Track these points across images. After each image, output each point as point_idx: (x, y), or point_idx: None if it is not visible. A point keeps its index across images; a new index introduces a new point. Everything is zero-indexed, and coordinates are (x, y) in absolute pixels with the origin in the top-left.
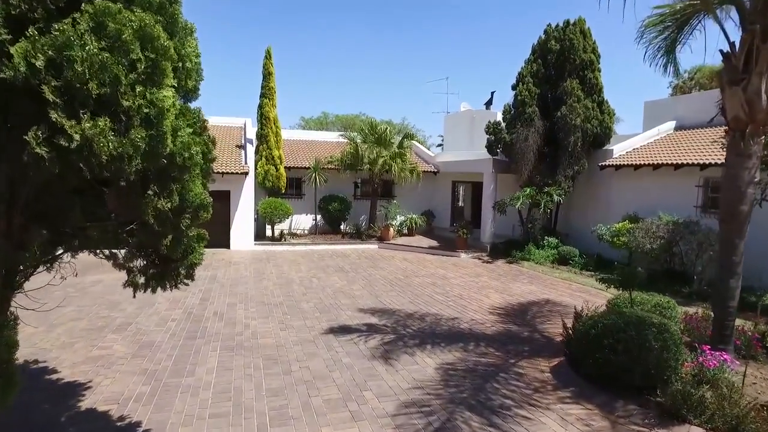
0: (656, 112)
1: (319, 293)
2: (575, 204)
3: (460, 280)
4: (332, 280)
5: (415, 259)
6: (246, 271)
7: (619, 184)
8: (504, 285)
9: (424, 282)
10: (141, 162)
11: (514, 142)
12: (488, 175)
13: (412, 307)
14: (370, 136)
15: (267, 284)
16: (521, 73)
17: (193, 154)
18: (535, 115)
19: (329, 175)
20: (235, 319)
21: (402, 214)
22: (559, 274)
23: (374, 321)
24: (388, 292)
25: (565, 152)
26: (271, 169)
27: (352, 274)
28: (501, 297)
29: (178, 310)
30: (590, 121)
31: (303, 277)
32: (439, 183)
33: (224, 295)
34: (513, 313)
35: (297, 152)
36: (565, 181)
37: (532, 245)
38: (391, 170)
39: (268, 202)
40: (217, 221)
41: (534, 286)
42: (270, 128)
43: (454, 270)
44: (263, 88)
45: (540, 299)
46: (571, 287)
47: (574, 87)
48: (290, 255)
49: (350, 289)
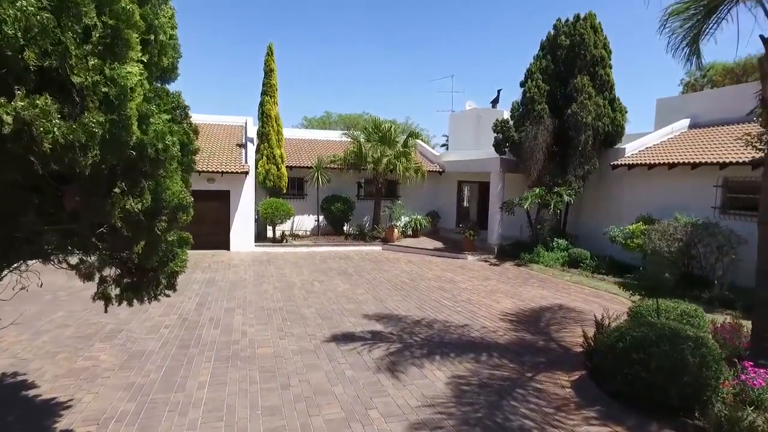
0: (668, 109)
1: (321, 298)
2: (585, 205)
3: (468, 284)
4: (335, 284)
5: (421, 262)
6: (246, 274)
7: (632, 184)
8: (514, 289)
9: (431, 286)
10: (99, 153)
11: (522, 141)
12: (496, 174)
13: (419, 313)
14: (374, 135)
15: (267, 288)
16: (530, 69)
17: (168, 145)
18: (545, 113)
19: (332, 174)
20: (232, 327)
21: (406, 215)
22: (570, 278)
23: (379, 328)
24: (394, 297)
25: (575, 151)
26: (272, 168)
27: (355, 277)
28: (512, 302)
29: (173, 315)
30: (602, 118)
31: (304, 280)
32: (444, 183)
33: (222, 300)
34: (526, 320)
35: (299, 151)
36: (575, 181)
37: (541, 247)
38: (395, 170)
39: (269, 203)
40: (216, 222)
41: (545, 291)
42: (271, 126)
43: (462, 273)
44: (264, 86)
45: (552, 304)
46: (584, 291)
47: (585, 83)
48: (291, 257)
49: (354, 294)
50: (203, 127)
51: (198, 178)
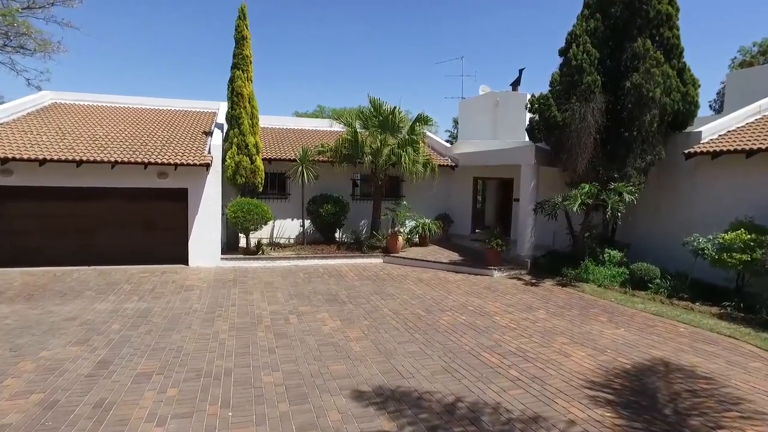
0: (744, 85)
1: (294, 350)
2: (642, 204)
3: (509, 318)
4: (319, 320)
5: (435, 280)
6: (198, 303)
7: (713, 178)
8: (577, 327)
9: (457, 322)
10: None
11: (567, 123)
12: (528, 168)
13: (450, 384)
14: (373, 119)
15: (219, 328)
16: (573, 32)
17: None
18: (596, 87)
19: (321, 169)
20: (129, 422)
21: (412, 219)
22: (643, 305)
23: (386, 429)
24: (406, 346)
25: (636, 136)
26: (245, 160)
27: (349, 306)
28: (587, 354)
29: (36, 394)
30: (670, 93)
31: (277, 312)
32: (457, 180)
33: (140, 355)
34: (630, 397)
35: (281, 142)
36: (635, 175)
37: (589, 261)
38: (399, 162)
39: (239, 204)
40: (170, 229)
41: (623, 329)
42: (243, 108)
43: (493, 298)
44: (235, 57)
45: (651, 360)
46: (679, 331)
47: (650, 47)
48: (267, 274)
49: (345, 340)
50: (164, 113)
51: (145, 173)
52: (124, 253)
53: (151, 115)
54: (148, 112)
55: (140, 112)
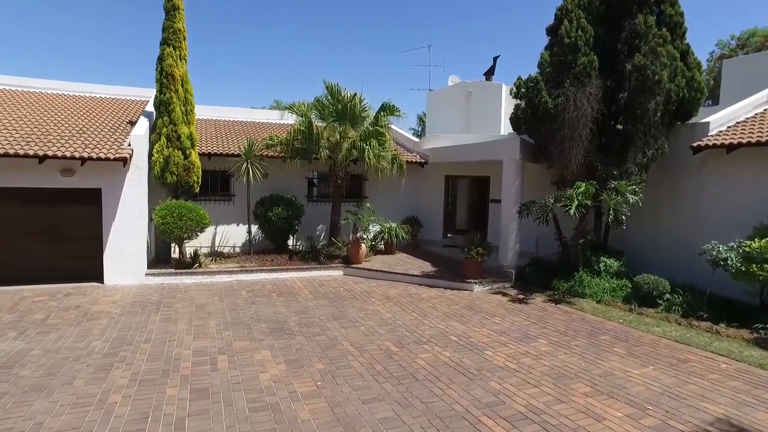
0: (742, 73)
1: (214, 421)
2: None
3: (504, 353)
4: (257, 362)
5: (406, 298)
6: (99, 339)
7: (725, 175)
8: (594, 365)
9: (439, 362)
10: None
11: (559, 110)
12: (512, 164)
13: None
14: (331, 107)
15: (114, 383)
16: (564, 7)
17: None
18: (593, 69)
19: (270, 166)
20: None
21: (377, 223)
22: (660, 329)
23: None
24: (374, 407)
25: (638, 126)
26: (176, 155)
27: (299, 340)
28: (624, 415)
29: None
30: (675, 78)
31: (203, 352)
32: (426, 178)
33: None
34: None
35: (225, 135)
36: (636, 171)
37: (584, 271)
38: (362, 158)
39: (168, 208)
40: (82, 239)
41: (651, 368)
42: (175, 92)
43: (478, 322)
44: (165, 31)
45: (712, 421)
46: (723, 369)
47: (652, 24)
48: (202, 294)
49: (289, 399)
50: (84, 100)
51: (43, 169)
52: (21, 270)
53: (67, 101)
54: (64, 98)
55: (53, 98)
